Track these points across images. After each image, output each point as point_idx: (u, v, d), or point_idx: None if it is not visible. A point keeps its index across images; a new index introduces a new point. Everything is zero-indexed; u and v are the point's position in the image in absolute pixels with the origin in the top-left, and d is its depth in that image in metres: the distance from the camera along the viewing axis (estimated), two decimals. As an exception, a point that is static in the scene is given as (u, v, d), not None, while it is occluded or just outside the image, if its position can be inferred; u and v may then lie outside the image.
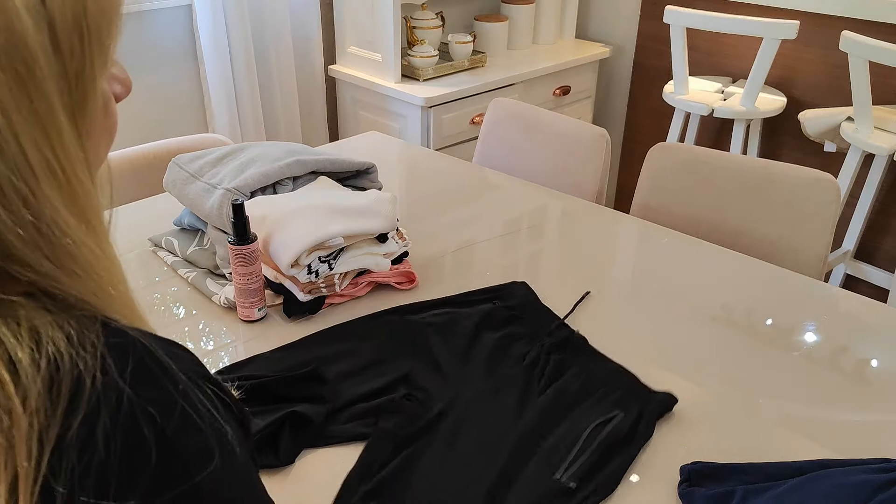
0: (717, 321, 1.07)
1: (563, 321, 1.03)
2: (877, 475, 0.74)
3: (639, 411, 0.87)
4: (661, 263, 1.23)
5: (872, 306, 1.12)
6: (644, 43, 2.75)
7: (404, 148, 1.73)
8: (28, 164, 0.32)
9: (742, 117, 2.26)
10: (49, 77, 0.33)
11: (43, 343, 0.33)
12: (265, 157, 1.18)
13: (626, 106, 2.89)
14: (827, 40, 2.28)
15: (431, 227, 1.32)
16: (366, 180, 1.27)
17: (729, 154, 1.45)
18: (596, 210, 1.42)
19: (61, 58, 0.33)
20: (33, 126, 0.32)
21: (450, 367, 0.94)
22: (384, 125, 2.32)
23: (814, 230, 1.32)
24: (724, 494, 0.76)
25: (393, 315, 1.05)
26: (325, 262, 1.03)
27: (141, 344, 0.36)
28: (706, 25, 2.17)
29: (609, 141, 1.55)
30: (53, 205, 0.34)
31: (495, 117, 1.73)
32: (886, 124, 2.04)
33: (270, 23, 2.20)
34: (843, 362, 0.99)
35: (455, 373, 0.94)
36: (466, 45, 2.35)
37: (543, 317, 1.05)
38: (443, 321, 1.03)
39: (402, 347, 0.98)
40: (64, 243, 0.34)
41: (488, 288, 1.11)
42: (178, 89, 2.16)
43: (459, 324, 1.02)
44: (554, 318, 1.04)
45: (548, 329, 1.01)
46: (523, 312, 1.05)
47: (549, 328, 1.01)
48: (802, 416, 0.89)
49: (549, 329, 1.01)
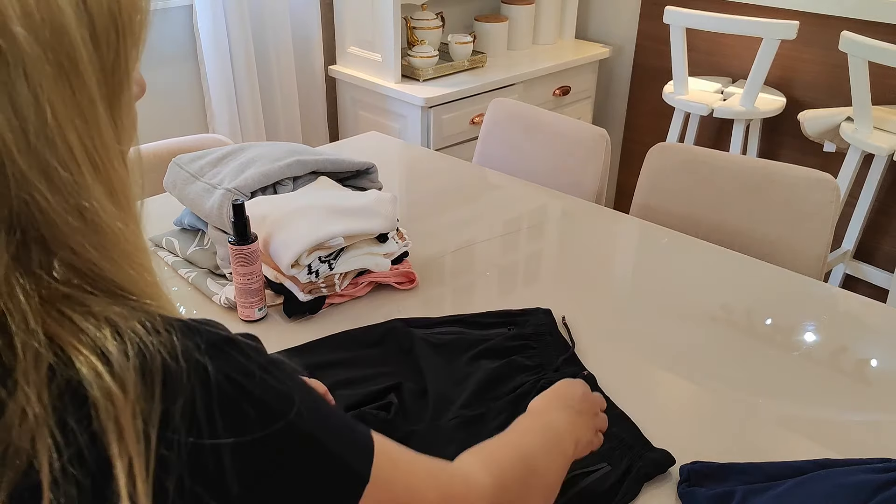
0: (717, 321, 1.07)
1: (571, 352, 0.98)
2: (877, 475, 0.74)
3: (627, 467, 0.79)
4: (661, 263, 1.23)
5: (872, 306, 1.13)
6: (644, 43, 2.75)
7: (404, 148, 1.73)
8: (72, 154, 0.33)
9: (742, 117, 2.26)
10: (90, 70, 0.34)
11: (124, 333, 0.34)
12: (265, 158, 1.18)
13: (625, 106, 2.89)
14: (827, 40, 2.28)
15: (431, 227, 1.32)
16: (366, 180, 1.27)
17: (729, 154, 1.45)
18: (596, 210, 1.42)
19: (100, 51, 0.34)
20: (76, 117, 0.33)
21: (438, 388, 0.90)
22: (384, 125, 2.32)
23: (813, 230, 1.32)
24: (724, 494, 0.76)
25: (402, 327, 1.01)
26: (325, 262, 1.03)
27: (195, 322, 0.39)
28: (706, 25, 2.17)
29: (609, 141, 1.55)
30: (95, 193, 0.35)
31: (495, 117, 1.73)
32: (886, 124, 2.04)
33: (270, 23, 2.20)
34: (842, 362, 0.99)
35: (442, 394, 0.89)
36: (466, 45, 2.35)
37: (555, 349, 0.99)
38: (448, 340, 0.99)
39: (400, 362, 0.95)
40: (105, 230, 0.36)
41: (507, 311, 1.06)
42: (179, 89, 2.16)
43: (465, 345, 0.98)
44: (565, 352, 0.98)
45: (555, 364, 0.95)
46: (537, 342, 1.00)
47: (556, 363, 0.95)
48: (802, 416, 0.89)
49: (556, 364, 0.95)
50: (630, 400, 0.90)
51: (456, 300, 1.11)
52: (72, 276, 0.36)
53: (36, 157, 0.32)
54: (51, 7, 0.31)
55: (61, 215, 0.34)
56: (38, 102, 0.32)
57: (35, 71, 0.31)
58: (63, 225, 0.34)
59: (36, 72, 0.31)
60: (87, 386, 0.33)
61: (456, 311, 1.07)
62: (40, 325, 0.33)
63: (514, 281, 1.16)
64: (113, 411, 0.33)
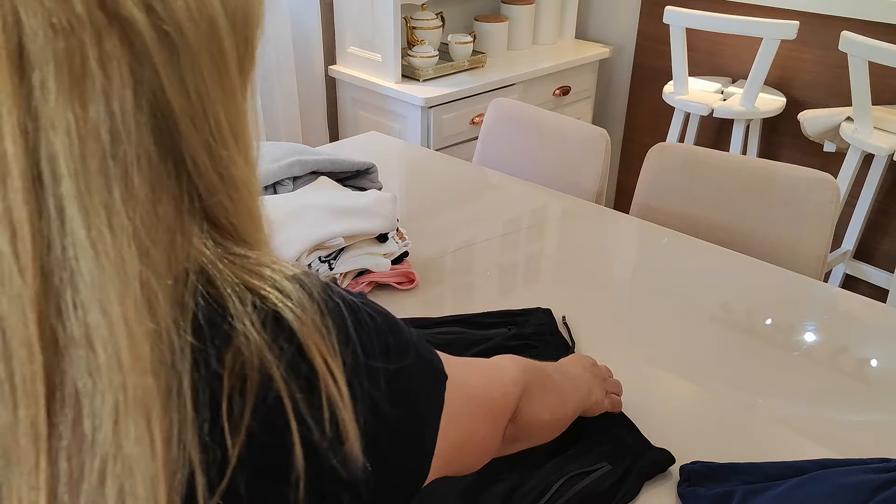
0: (717, 321, 1.07)
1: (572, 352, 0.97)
2: (877, 475, 0.74)
3: (627, 467, 0.78)
4: (661, 263, 1.23)
5: (872, 306, 1.12)
6: (644, 43, 2.75)
7: (404, 148, 1.73)
8: (221, 131, 0.37)
9: (742, 117, 2.26)
10: (233, 56, 0.37)
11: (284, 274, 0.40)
12: (265, 158, 1.18)
13: (625, 106, 2.89)
14: (827, 40, 2.28)
15: (431, 227, 1.32)
16: (366, 180, 1.27)
17: (729, 154, 1.45)
18: (596, 210, 1.42)
19: (238, 37, 0.38)
20: (224, 98, 0.37)
21: None
22: (384, 125, 2.32)
23: (813, 230, 1.32)
24: (724, 494, 0.76)
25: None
26: (325, 262, 1.03)
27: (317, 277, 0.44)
28: (706, 26, 2.17)
29: (609, 141, 1.55)
30: (241, 167, 0.40)
31: (495, 117, 1.73)
32: (886, 124, 2.04)
33: (270, 23, 2.20)
34: (842, 362, 0.99)
35: None
36: (466, 45, 2.35)
37: (555, 348, 0.99)
38: (448, 340, 0.98)
39: None
40: (241, 188, 0.40)
41: (508, 311, 1.05)
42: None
43: (465, 345, 0.97)
44: (566, 352, 0.98)
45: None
46: (538, 342, 0.99)
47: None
48: (802, 416, 0.89)
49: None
50: (630, 400, 0.90)
51: (456, 300, 1.11)
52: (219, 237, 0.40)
53: (201, 136, 0.36)
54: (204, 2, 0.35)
55: (215, 182, 0.38)
56: (199, 88, 0.36)
57: (198, 61, 0.35)
58: (216, 191, 0.38)
59: (199, 62, 0.35)
60: (283, 313, 0.38)
61: (456, 310, 1.07)
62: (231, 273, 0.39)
63: (514, 281, 1.16)
64: (305, 330, 0.39)
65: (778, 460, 0.80)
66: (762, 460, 0.80)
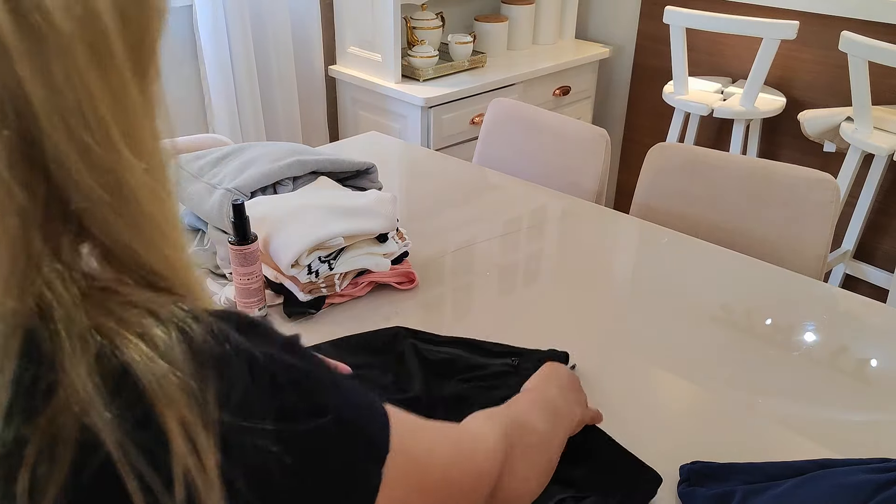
0: (717, 321, 1.07)
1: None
2: (877, 475, 0.74)
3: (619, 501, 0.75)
4: (661, 263, 1.23)
5: (872, 306, 1.12)
6: (644, 43, 2.75)
7: (404, 148, 1.73)
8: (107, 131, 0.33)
9: (742, 117, 2.26)
10: (119, 46, 0.34)
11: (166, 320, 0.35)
12: (265, 157, 1.18)
13: (625, 106, 2.89)
14: (827, 40, 2.28)
15: (431, 227, 1.32)
16: (366, 180, 1.27)
17: (729, 154, 1.45)
18: (596, 210, 1.42)
19: (128, 26, 0.34)
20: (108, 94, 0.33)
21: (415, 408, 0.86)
22: (384, 125, 2.32)
23: (813, 230, 1.32)
24: (724, 494, 0.76)
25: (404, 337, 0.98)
26: (325, 262, 1.04)
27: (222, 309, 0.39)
28: (706, 26, 2.17)
29: (609, 141, 1.55)
30: (131, 169, 0.34)
31: (495, 117, 1.73)
32: (886, 124, 2.04)
33: (270, 23, 2.20)
34: (842, 362, 0.99)
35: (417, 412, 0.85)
36: (466, 45, 2.35)
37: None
38: (446, 359, 0.94)
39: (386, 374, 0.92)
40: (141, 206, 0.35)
41: (518, 349, 0.98)
42: (179, 89, 2.16)
43: (461, 368, 0.93)
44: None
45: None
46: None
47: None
48: (802, 416, 0.89)
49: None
50: (630, 400, 0.90)
51: (456, 300, 1.11)
52: (106, 266, 0.36)
53: (73, 135, 0.32)
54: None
55: (97, 192, 0.33)
56: (72, 80, 0.31)
57: (70, 48, 0.31)
58: (99, 203, 0.33)
59: (70, 49, 0.31)
60: (137, 369, 0.33)
61: (456, 310, 1.07)
62: (83, 313, 0.33)
63: (514, 281, 1.16)
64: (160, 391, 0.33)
65: (778, 460, 0.80)
66: (762, 460, 0.80)
